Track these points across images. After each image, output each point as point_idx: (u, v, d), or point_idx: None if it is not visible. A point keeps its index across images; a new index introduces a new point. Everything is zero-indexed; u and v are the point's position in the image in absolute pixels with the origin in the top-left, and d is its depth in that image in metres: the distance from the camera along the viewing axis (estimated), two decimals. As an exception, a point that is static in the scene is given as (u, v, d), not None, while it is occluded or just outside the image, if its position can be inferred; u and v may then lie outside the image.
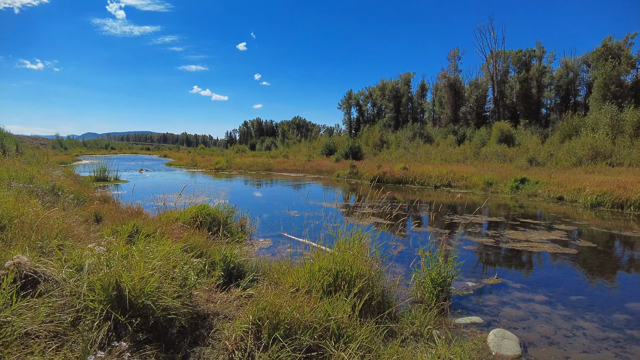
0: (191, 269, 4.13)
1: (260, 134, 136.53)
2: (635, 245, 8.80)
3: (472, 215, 12.19)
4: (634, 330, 4.46)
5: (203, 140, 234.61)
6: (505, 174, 20.50)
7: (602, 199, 14.23)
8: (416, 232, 10.06)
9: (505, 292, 5.66)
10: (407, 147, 43.27)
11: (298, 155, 48.17)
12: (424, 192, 19.43)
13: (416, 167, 24.98)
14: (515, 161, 29.09)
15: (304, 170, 32.86)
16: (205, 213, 7.80)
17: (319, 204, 13.09)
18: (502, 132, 38.37)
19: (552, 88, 56.99)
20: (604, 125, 30.27)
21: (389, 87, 73.35)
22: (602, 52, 46.00)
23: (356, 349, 2.94)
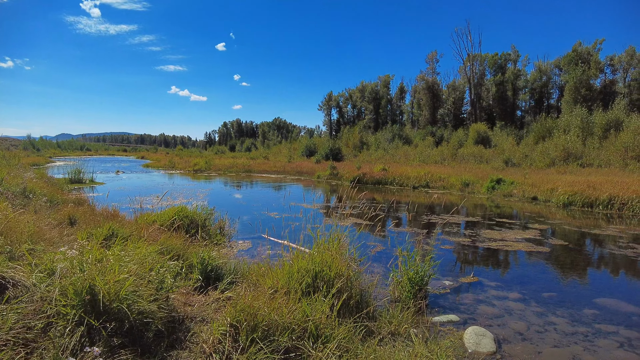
0: (168, 272, 4.07)
1: (240, 135, 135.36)
2: (604, 242, 9.12)
3: (450, 215, 12.41)
4: (601, 325, 4.63)
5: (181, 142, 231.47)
6: (482, 175, 20.95)
7: (574, 199, 14.71)
8: (395, 232, 10.18)
9: (481, 291, 5.79)
10: (386, 149, 43.71)
11: (278, 157, 48.02)
12: (403, 193, 19.66)
13: (395, 168, 25.26)
14: (491, 162, 29.75)
15: (285, 172, 32.78)
16: (182, 215, 7.70)
17: (299, 205, 13.09)
18: (479, 134, 39.19)
19: (526, 91, 58.60)
20: (575, 128, 31.30)
21: (368, 89, 73.97)
22: (573, 57, 47.60)
23: (334, 348, 2.96)
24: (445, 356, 3.28)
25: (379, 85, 73.58)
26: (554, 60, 56.14)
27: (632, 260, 7.61)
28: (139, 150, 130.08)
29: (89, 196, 12.97)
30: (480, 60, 58.60)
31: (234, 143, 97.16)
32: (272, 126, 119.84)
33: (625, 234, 9.98)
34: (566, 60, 49.01)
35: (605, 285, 6.22)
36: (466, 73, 58.73)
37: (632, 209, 13.13)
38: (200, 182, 24.17)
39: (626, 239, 9.33)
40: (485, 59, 59.13)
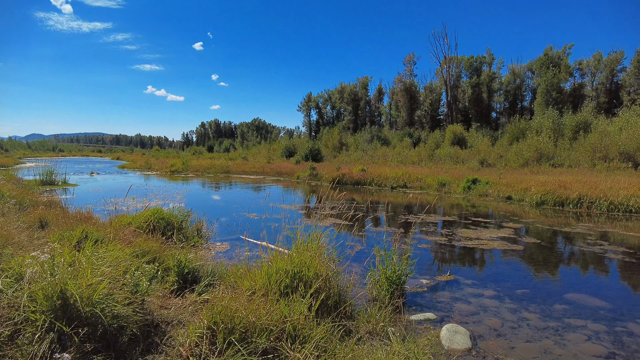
0: (143, 274, 3.99)
1: (219, 135, 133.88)
2: (574, 240, 9.44)
3: (426, 214, 12.60)
4: (570, 319, 4.79)
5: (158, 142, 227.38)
6: (458, 175, 21.36)
7: (546, 198, 15.16)
8: (374, 232, 10.27)
9: (458, 289, 5.90)
10: (365, 150, 44.03)
11: (258, 157, 47.71)
12: (381, 193, 19.85)
13: (374, 169, 25.48)
14: (467, 163, 30.36)
15: (264, 173, 32.61)
16: (159, 217, 7.56)
17: (279, 206, 13.04)
18: (455, 135, 39.93)
19: (501, 93, 60.09)
20: (546, 129, 32.29)
21: (347, 91, 74.37)
22: (544, 61, 49.12)
23: (312, 349, 2.97)
24: (422, 354, 3.33)
25: (358, 87, 74.10)
26: (527, 63, 57.79)
27: (600, 256, 7.90)
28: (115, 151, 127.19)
29: (62, 198, 12.60)
30: (456, 62, 59.75)
31: (212, 144, 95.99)
32: (251, 127, 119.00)
33: (593, 231, 10.35)
34: (538, 63, 50.59)
35: (574, 281, 6.44)
36: (443, 75, 59.78)
37: (600, 208, 13.64)
38: (177, 184, 23.79)
39: (594, 236, 9.68)
40: (462, 62, 60.31)
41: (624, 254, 8.06)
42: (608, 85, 50.87)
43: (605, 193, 14.01)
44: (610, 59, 50.50)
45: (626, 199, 13.38)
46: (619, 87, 49.48)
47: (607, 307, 5.23)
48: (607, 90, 50.78)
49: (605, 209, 13.50)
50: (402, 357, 3.20)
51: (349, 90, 73.96)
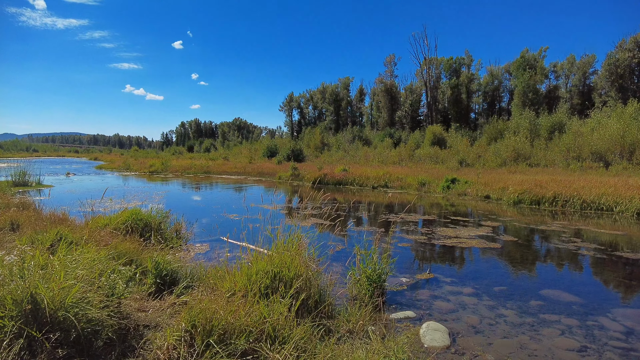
0: (120, 277, 3.91)
1: (199, 135, 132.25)
2: (549, 237, 9.69)
3: (407, 214, 12.73)
4: (545, 315, 4.92)
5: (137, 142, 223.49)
6: (438, 175, 21.67)
7: (523, 197, 15.52)
8: (355, 231, 10.31)
9: (437, 287, 5.98)
10: (347, 150, 44.25)
11: (239, 158, 47.35)
12: (363, 193, 19.96)
13: (356, 169, 25.61)
14: (447, 162, 30.82)
15: (245, 173, 32.37)
16: (136, 218, 7.41)
17: (260, 206, 12.96)
18: (435, 136, 40.51)
19: (479, 94, 61.27)
20: (523, 130, 33.09)
21: (329, 91, 74.54)
22: (521, 63, 50.29)
23: (292, 349, 2.96)
24: (402, 352, 3.36)
25: (340, 87, 74.38)
26: (504, 65, 59.13)
27: (573, 253, 8.13)
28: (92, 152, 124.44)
29: (35, 200, 12.23)
30: (436, 64, 60.60)
31: (192, 144, 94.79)
32: (232, 126, 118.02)
33: (567, 229, 10.65)
34: (515, 65, 51.74)
35: (549, 278, 6.61)
36: (423, 76, 60.54)
37: (573, 206, 14.04)
38: (156, 184, 23.39)
39: (568, 234, 9.96)
40: (441, 63, 61.23)
41: (596, 250, 8.31)
42: (581, 87, 52.49)
43: (578, 192, 14.43)
44: (583, 62, 52.14)
45: (598, 197, 13.81)
46: (591, 89, 51.11)
47: (580, 302, 5.38)
48: (580, 92, 52.40)
49: (579, 207, 13.91)
50: (381, 355, 3.22)
51: (331, 91, 74.15)
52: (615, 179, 17.10)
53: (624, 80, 45.93)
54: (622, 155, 24.77)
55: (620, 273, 6.88)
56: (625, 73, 45.82)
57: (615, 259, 7.71)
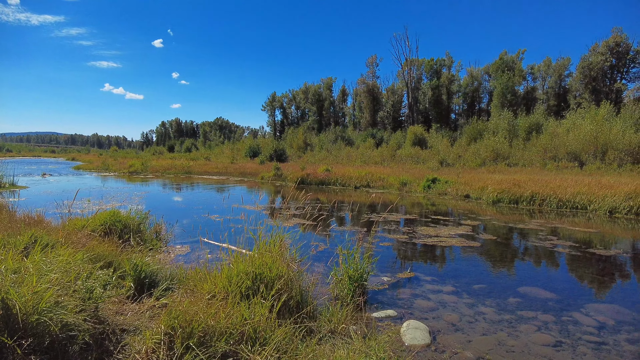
0: (97, 280, 3.82)
1: (180, 135, 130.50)
2: (527, 236, 9.92)
3: (388, 213, 12.84)
4: (523, 311, 5.03)
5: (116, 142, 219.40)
6: (419, 175, 21.93)
7: (502, 196, 15.84)
8: (337, 231, 10.34)
9: (418, 285, 6.05)
10: (330, 150, 44.37)
11: (221, 158, 46.92)
12: (346, 193, 20.04)
13: (338, 169, 25.69)
14: (427, 162, 31.22)
15: (227, 173, 32.09)
16: (115, 220, 7.26)
17: (242, 207, 12.87)
18: (416, 136, 40.99)
19: (459, 95, 62.28)
20: (502, 130, 33.79)
21: (312, 91, 74.58)
22: (500, 65, 51.39)
23: (272, 350, 2.95)
24: (383, 351, 3.38)
25: (322, 87, 74.49)
26: (484, 66, 60.28)
27: (550, 251, 8.34)
28: (69, 152, 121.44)
29: (9, 201, 11.84)
30: (417, 65, 61.33)
31: (173, 143, 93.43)
32: (214, 126, 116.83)
33: (544, 227, 10.92)
34: (494, 67, 52.85)
35: (527, 275, 6.76)
36: (404, 77, 61.18)
37: (550, 205, 14.41)
38: (136, 185, 22.97)
39: (545, 232, 10.21)
40: (422, 64, 61.98)
41: (571, 247, 8.55)
42: (557, 89, 53.91)
43: (554, 191, 14.81)
44: (559, 64, 53.57)
45: (573, 196, 14.21)
46: (567, 91, 52.58)
47: (555, 298, 5.53)
48: (556, 94, 53.82)
49: (555, 206, 14.28)
50: (362, 354, 3.24)
51: (314, 91, 74.21)
52: (589, 178, 17.62)
53: (597, 82, 47.39)
54: (595, 156, 25.54)
55: (594, 269, 7.09)
56: (598, 76, 47.29)
57: (589, 255, 7.94)
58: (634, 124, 27.60)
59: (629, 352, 4.03)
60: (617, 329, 4.56)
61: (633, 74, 48.80)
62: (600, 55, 46.89)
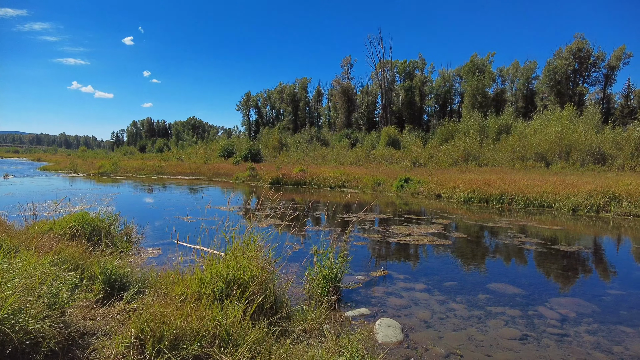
0: (63, 284, 3.70)
1: (152, 134, 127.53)
2: (497, 233, 10.23)
3: (363, 213, 12.97)
4: (492, 307, 5.19)
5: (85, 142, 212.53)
6: (392, 175, 22.23)
7: (472, 195, 16.26)
8: (313, 231, 10.37)
9: (391, 283, 6.14)
10: (305, 150, 44.36)
11: (194, 158, 46.12)
12: (321, 193, 20.10)
13: (313, 169, 25.74)
14: (401, 163, 31.68)
15: (201, 174, 31.61)
16: (84, 222, 7.05)
17: (216, 208, 12.72)
18: (390, 137, 41.53)
19: (432, 96, 63.49)
20: (473, 131, 34.65)
21: (287, 91, 74.37)
22: (471, 67, 52.73)
23: (245, 352, 2.94)
24: (356, 349, 3.43)
25: (297, 88, 74.41)
26: (455, 69, 61.68)
27: (518, 248, 8.63)
28: (35, 152, 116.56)
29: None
30: (390, 66, 62.11)
31: (144, 143, 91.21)
32: (186, 126, 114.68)
33: (513, 225, 11.28)
34: (465, 69, 54.19)
35: (496, 272, 6.97)
36: (378, 79, 61.86)
37: (518, 203, 14.90)
38: (106, 186, 22.31)
39: (514, 230, 10.55)
40: (396, 66, 62.87)
41: (537, 244, 8.88)
42: (525, 91, 55.81)
43: (522, 190, 15.33)
44: (526, 67, 55.46)
45: (539, 195, 14.74)
46: (534, 94, 54.53)
47: (522, 293, 5.73)
48: (524, 96, 55.71)
49: (523, 205, 14.78)
50: (336, 353, 3.27)
51: (289, 91, 74.03)
52: (554, 177, 18.32)
53: (561, 86, 49.34)
54: (560, 156, 26.58)
55: (558, 265, 7.39)
56: (562, 79, 49.25)
57: (554, 252, 8.27)
58: (594, 126, 28.93)
59: (588, 343, 4.23)
60: (578, 321, 4.78)
61: (594, 78, 51.20)
62: (564, 60, 48.86)
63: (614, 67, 50.10)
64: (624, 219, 12.54)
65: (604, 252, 8.79)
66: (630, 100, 50.82)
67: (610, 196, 13.69)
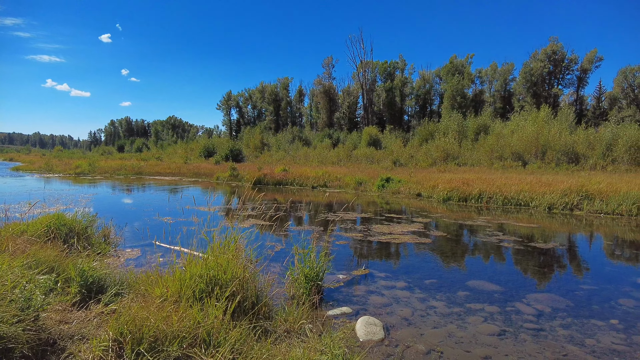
0: (37, 287, 3.60)
1: (130, 134, 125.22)
2: (476, 232, 10.42)
3: (345, 212, 13.03)
4: (471, 304, 5.29)
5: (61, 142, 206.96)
6: (374, 174, 22.40)
7: (451, 194, 16.52)
8: (295, 231, 10.35)
9: (372, 282, 6.19)
10: (287, 150, 44.30)
11: (174, 158, 45.48)
12: (303, 193, 20.09)
13: (296, 169, 25.70)
14: (382, 162, 31.95)
15: (181, 174, 31.17)
16: (59, 223, 6.86)
17: (197, 208, 12.57)
18: (371, 137, 41.86)
19: (412, 97, 64.25)
20: (452, 131, 35.23)
21: (268, 91, 74.08)
22: (450, 68, 53.59)
23: (227, 352, 2.92)
24: (338, 348, 3.44)
25: (279, 87, 74.20)
26: (435, 70, 62.61)
27: (497, 246, 8.82)
28: (7, 151, 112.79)
29: None
30: (372, 67, 62.60)
31: (122, 143, 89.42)
32: (166, 125, 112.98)
33: (491, 223, 11.52)
34: (445, 70, 55.04)
35: (475, 269, 7.11)
36: (359, 79, 62.23)
37: (496, 202, 15.22)
38: (83, 187, 21.76)
39: (492, 228, 10.78)
40: (377, 66, 63.37)
41: (515, 242, 9.09)
42: (502, 92, 57.06)
43: (500, 189, 15.66)
44: (504, 69, 56.72)
45: (517, 193, 15.09)
46: (511, 95, 55.79)
47: (500, 290, 5.86)
48: (502, 97, 56.94)
49: (501, 203, 15.10)
50: (318, 352, 3.28)
51: (270, 90, 73.75)
52: (531, 176, 18.79)
53: (537, 87, 50.66)
54: (536, 155, 27.27)
55: (535, 262, 7.58)
56: (538, 81, 50.56)
57: (530, 249, 8.48)
58: (568, 127, 29.81)
59: (563, 336, 4.37)
60: (553, 316, 4.92)
61: (567, 80, 52.82)
62: (540, 62, 50.21)
63: (586, 70, 51.81)
64: (595, 216, 12.96)
65: (578, 248, 9.07)
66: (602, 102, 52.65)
67: (583, 195, 14.13)
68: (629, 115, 44.84)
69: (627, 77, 48.55)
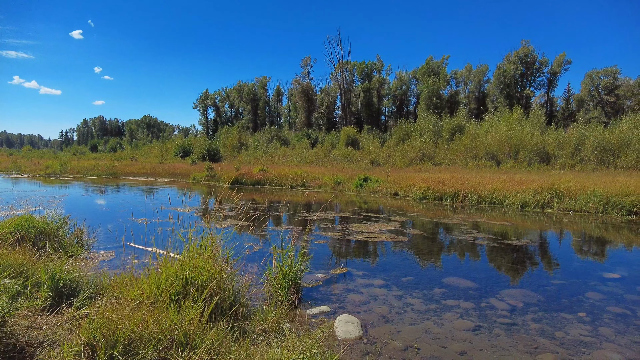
0: (3, 292, 3.47)
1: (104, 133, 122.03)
2: (451, 230, 10.63)
3: (323, 212, 13.07)
4: (447, 300, 5.40)
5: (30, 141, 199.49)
6: (352, 174, 22.54)
7: (427, 193, 16.80)
8: (273, 231, 10.32)
9: (350, 280, 6.24)
10: (265, 150, 44.03)
11: (149, 158, 44.53)
12: (281, 193, 20.03)
13: (274, 169, 25.60)
14: (360, 162, 32.15)
15: (156, 174, 30.57)
16: (28, 225, 6.62)
17: (172, 209, 12.35)
18: (349, 137, 42.09)
19: (389, 98, 65.00)
20: (428, 131, 35.81)
21: (246, 90, 73.48)
22: (426, 69, 54.48)
23: (204, 354, 2.89)
24: (316, 346, 3.45)
25: (257, 87, 73.74)
26: (412, 71, 63.50)
27: (472, 243, 9.02)
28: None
29: None
30: (349, 67, 62.95)
31: (96, 143, 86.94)
32: (141, 124, 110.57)
33: (466, 221, 11.77)
34: (421, 71, 55.91)
35: (451, 267, 7.25)
36: (337, 79, 62.50)
37: (471, 201, 15.56)
38: (53, 188, 21.07)
39: (467, 226, 11.01)
40: (354, 67, 63.81)
41: (489, 240, 9.32)
42: (477, 93, 58.43)
43: (475, 188, 16.02)
44: (478, 71, 58.07)
45: (491, 192, 15.47)
46: (485, 96, 57.17)
47: (475, 286, 6.00)
48: (476, 98, 58.31)
49: (475, 202, 15.45)
50: (296, 351, 3.28)
51: (248, 90, 73.19)
52: (504, 175, 19.29)
53: (510, 89, 52.09)
54: (509, 155, 28.01)
55: (508, 258, 7.80)
56: (511, 83, 52.00)
57: (504, 246, 8.71)
58: (539, 127, 30.75)
59: (534, 330, 4.51)
60: (525, 311, 5.07)
61: (539, 82, 54.54)
62: (512, 64, 51.65)
63: (555, 73, 53.65)
64: (565, 214, 13.42)
65: (548, 245, 9.38)
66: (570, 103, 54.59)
67: (553, 193, 14.60)
68: (595, 117, 46.67)
69: (593, 80, 50.50)
